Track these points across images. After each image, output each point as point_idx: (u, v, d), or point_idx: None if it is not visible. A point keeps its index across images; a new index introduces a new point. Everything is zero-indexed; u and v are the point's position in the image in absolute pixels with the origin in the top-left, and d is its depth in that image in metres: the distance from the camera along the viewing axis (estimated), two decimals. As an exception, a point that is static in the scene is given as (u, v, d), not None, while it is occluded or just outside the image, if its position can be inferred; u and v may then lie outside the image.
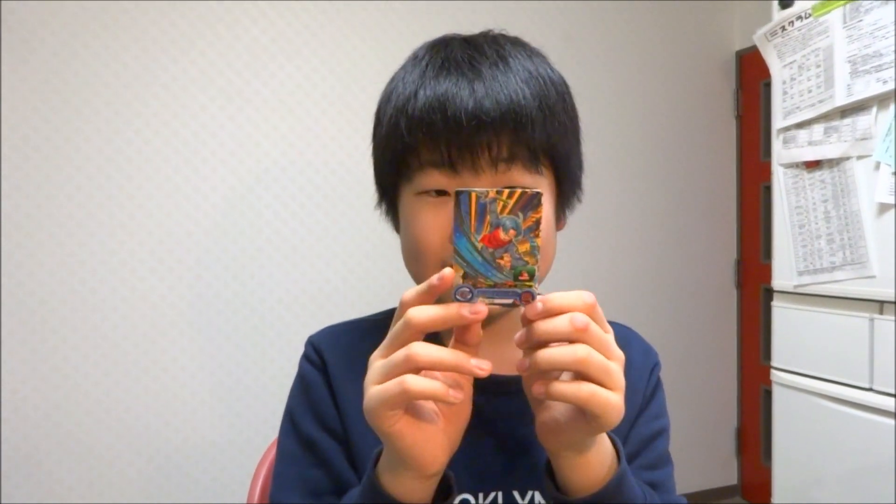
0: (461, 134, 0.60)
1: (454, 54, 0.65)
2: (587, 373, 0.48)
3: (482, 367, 0.48)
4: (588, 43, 2.62)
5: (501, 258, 0.47)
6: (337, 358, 0.73)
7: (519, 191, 0.46)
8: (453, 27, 0.73)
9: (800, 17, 1.74)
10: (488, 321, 0.66)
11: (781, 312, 1.86)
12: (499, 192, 0.46)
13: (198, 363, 2.10)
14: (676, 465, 0.76)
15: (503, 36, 0.69)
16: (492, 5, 2.42)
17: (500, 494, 0.68)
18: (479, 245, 0.47)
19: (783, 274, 1.84)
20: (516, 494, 0.68)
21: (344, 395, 0.70)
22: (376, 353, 0.51)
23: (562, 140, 0.66)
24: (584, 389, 0.48)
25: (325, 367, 0.73)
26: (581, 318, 0.47)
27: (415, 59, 0.68)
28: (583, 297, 0.49)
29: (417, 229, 0.65)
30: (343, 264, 2.28)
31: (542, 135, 0.63)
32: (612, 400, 0.48)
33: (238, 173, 2.14)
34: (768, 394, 1.92)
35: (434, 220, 0.63)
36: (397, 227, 0.73)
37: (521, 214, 0.46)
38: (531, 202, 0.46)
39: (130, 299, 2.02)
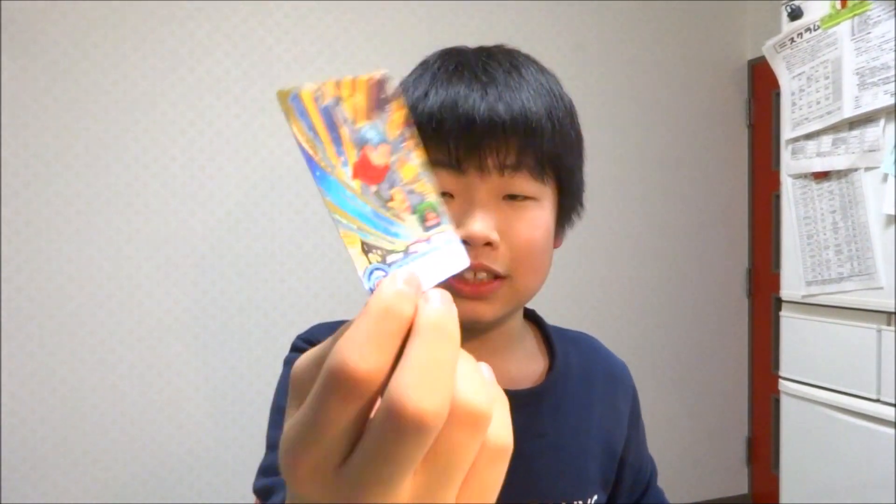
0: (471, 135, 0.60)
1: (467, 59, 0.64)
2: None
3: None
4: (599, 52, 2.63)
5: (391, 199, 0.31)
6: None
7: (363, 77, 0.30)
8: (467, 36, 0.74)
9: (808, 29, 1.74)
10: (475, 334, 0.65)
11: (789, 322, 1.86)
12: (337, 85, 0.29)
13: (203, 362, 2.14)
14: (686, 473, 0.80)
15: (517, 50, 0.69)
16: (504, 14, 2.44)
17: None
18: (354, 184, 0.30)
19: (791, 284, 1.84)
20: None
21: None
22: None
23: (568, 154, 0.66)
24: None
25: None
26: None
27: (425, 64, 0.67)
28: None
29: None
30: (351, 267, 2.30)
31: (550, 145, 0.63)
32: None
33: (251, 179, 2.18)
34: (779, 403, 1.92)
35: None
36: None
37: (380, 116, 0.30)
38: (381, 90, 0.30)
39: (135, 300, 2.07)
